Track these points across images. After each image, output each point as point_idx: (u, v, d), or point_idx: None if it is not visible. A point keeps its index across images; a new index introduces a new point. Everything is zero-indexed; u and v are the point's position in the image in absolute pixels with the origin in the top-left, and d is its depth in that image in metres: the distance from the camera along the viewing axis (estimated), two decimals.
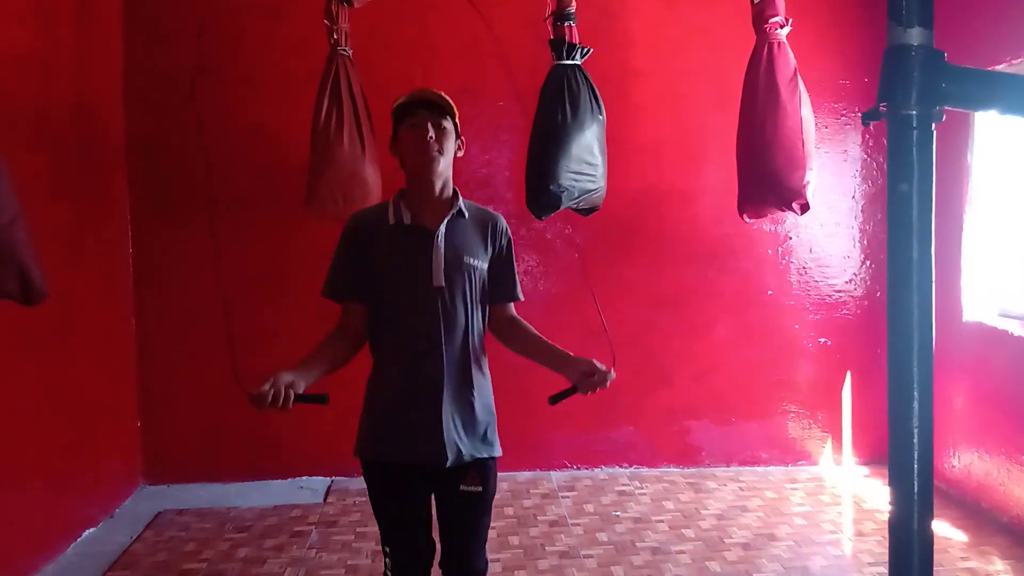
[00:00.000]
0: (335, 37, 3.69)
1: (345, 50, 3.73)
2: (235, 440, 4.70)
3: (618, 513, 4.23)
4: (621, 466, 4.88)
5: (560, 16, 3.75)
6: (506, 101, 4.58)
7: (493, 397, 2.51)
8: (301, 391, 2.29)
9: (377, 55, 4.38)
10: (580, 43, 3.74)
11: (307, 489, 4.60)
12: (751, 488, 4.58)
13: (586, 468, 4.86)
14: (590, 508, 4.30)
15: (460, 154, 2.47)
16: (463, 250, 2.39)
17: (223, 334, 4.65)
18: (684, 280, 4.82)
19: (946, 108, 1.06)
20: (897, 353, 1.06)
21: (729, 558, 3.70)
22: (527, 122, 3.83)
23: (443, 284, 2.34)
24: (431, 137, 2.33)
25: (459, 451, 2.37)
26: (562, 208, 3.75)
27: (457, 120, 2.43)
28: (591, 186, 3.74)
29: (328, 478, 4.73)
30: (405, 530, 2.44)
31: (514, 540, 3.89)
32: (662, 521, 4.13)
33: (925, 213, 1.01)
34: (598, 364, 2.31)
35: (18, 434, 3.43)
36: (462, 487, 2.39)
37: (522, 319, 2.56)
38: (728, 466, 4.90)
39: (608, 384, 2.29)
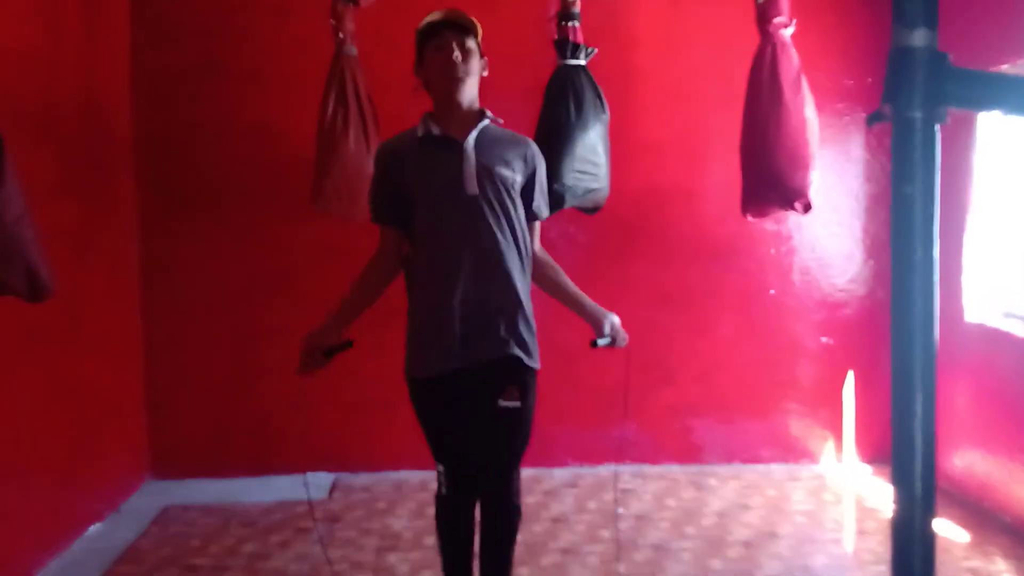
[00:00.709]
0: (341, 36, 3.71)
1: (351, 49, 3.75)
2: (240, 436, 4.72)
3: (620, 510, 4.25)
4: (623, 463, 4.89)
5: (564, 16, 3.76)
6: (510, 100, 4.57)
7: (532, 312, 2.55)
8: (326, 347, 2.38)
9: (383, 55, 4.39)
10: (584, 43, 3.75)
11: (311, 485, 4.61)
12: (753, 486, 4.60)
13: (588, 465, 4.88)
14: (592, 505, 4.32)
15: (485, 74, 2.54)
16: (495, 160, 2.43)
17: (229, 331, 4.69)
18: (687, 279, 4.83)
19: (950, 109, 1.07)
20: (900, 355, 1.07)
21: (730, 556, 3.71)
22: (531, 121, 3.84)
23: (476, 192, 2.37)
24: (457, 56, 2.38)
25: (506, 345, 2.40)
26: (565, 207, 3.77)
27: (480, 39, 2.48)
28: (595, 185, 3.76)
29: (332, 474, 4.75)
30: (454, 439, 2.48)
31: (516, 536, 3.90)
32: (664, 519, 4.14)
33: (929, 215, 1.03)
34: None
35: (24, 430, 3.45)
36: (500, 402, 2.41)
37: (551, 259, 2.64)
38: (730, 464, 4.91)
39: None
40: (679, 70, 4.80)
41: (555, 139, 3.66)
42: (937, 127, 1.04)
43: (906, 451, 1.09)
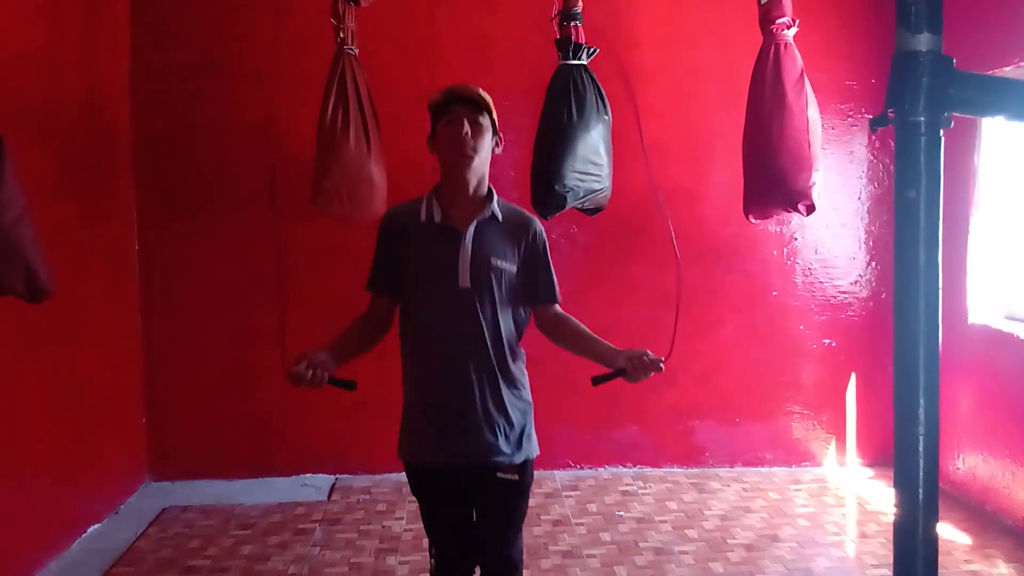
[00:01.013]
0: (342, 36, 3.69)
1: (352, 49, 3.74)
2: (240, 437, 4.71)
3: (621, 513, 4.23)
4: (625, 466, 4.88)
5: (566, 16, 3.74)
6: (512, 100, 4.57)
7: (530, 397, 2.50)
8: (332, 373, 2.31)
9: (384, 54, 4.38)
10: (586, 43, 3.73)
11: (311, 486, 4.61)
12: (755, 489, 4.58)
13: (589, 468, 4.86)
14: (593, 508, 4.30)
15: (498, 151, 2.48)
16: (491, 252, 2.38)
17: (227, 331, 4.68)
18: (689, 280, 4.78)
19: (954, 114, 1.06)
20: (903, 358, 1.06)
21: (732, 559, 3.70)
22: (533, 122, 3.83)
23: (468, 285, 2.34)
24: (466, 134, 2.33)
25: (493, 452, 2.37)
26: (567, 208, 3.75)
27: (495, 117, 2.43)
28: (597, 186, 3.74)
29: (332, 476, 4.74)
30: (448, 530, 2.46)
31: None
32: (665, 521, 4.13)
33: (932, 220, 1.01)
34: (649, 355, 2.31)
35: (24, 430, 3.44)
36: (498, 474, 2.40)
37: (569, 316, 2.53)
38: (732, 467, 4.90)
39: (659, 370, 2.31)
40: (681, 70, 4.79)
41: (557, 139, 3.64)
42: (941, 132, 1.03)
43: (909, 455, 1.08)
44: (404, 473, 2.53)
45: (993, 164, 4.30)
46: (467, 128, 2.34)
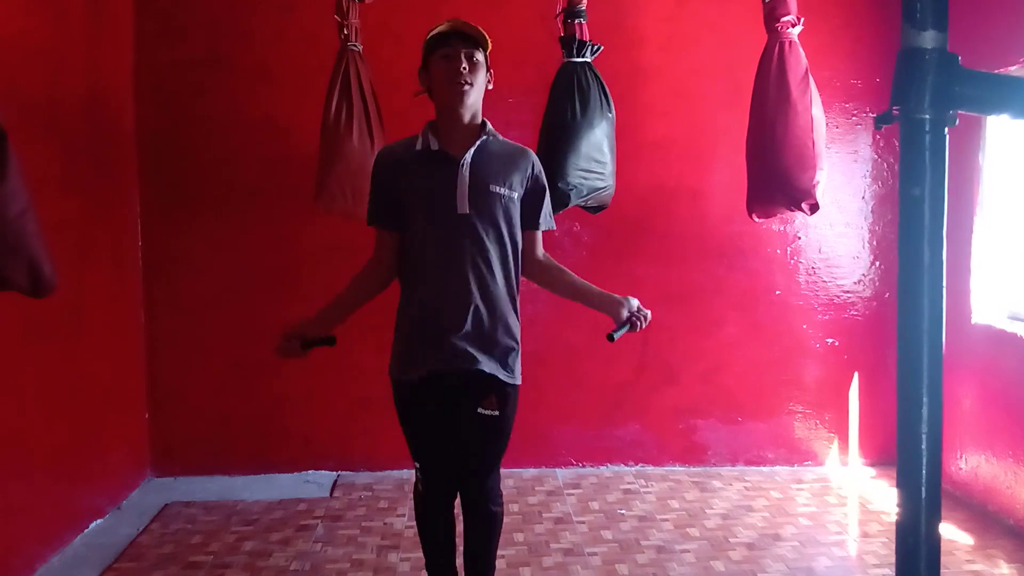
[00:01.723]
0: (345, 32, 3.70)
1: (355, 45, 3.74)
2: (242, 433, 4.71)
3: (623, 511, 4.23)
4: (627, 464, 4.88)
5: (571, 13, 3.74)
6: (516, 97, 4.58)
7: (520, 332, 2.55)
8: (308, 337, 2.44)
9: (387, 50, 4.38)
10: (590, 40, 3.73)
11: (313, 483, 4.61)
12: (757, 488, 4.58)
13: (591, 466, 4.86)
14: (595, 506, 4.30)
15: (490, 87, 2.53)
16: (490, 178, 2.43)
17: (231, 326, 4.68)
18: (692, 278, 4.81)
19: (959, 112, 1.05)
20: (907, 357, 1.06)
21: (734, 558, 3.70)
22: (536, 119, 3.83)
23: (467, 211, 2.38)
24: (464, 68, 2.38)
25: (477, 361, 2.41)
26: (571, 206, 3.75)
27: (488, 53, 2.48)
28: (600, 184, 3.74)
29: (334, 472, 4.74)
30: (431, 441, 2.51)
31: (519, 537, 3.89)
32: (667, 520, 4.12)
33: (937, 218, 1.01)
34: (636, 302, 2.51)
35: (26, 426, 3.45)
36: (479, 409, 2.44)
37: (555, 262, 2.64)
38: (734, 465, 4.89)
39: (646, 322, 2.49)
40: (686, 68, 4.78)
41: (560, 137, 3.64)
42: (946, 129, 1.03)
43: (912, 455, 1.08)
44: (405, 470, 2.56)
45: (997, 163, 4.29)
46: (465, 63, 2.39)
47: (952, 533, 3.95)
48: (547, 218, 2.63)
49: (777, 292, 4.87)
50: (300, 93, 4.48)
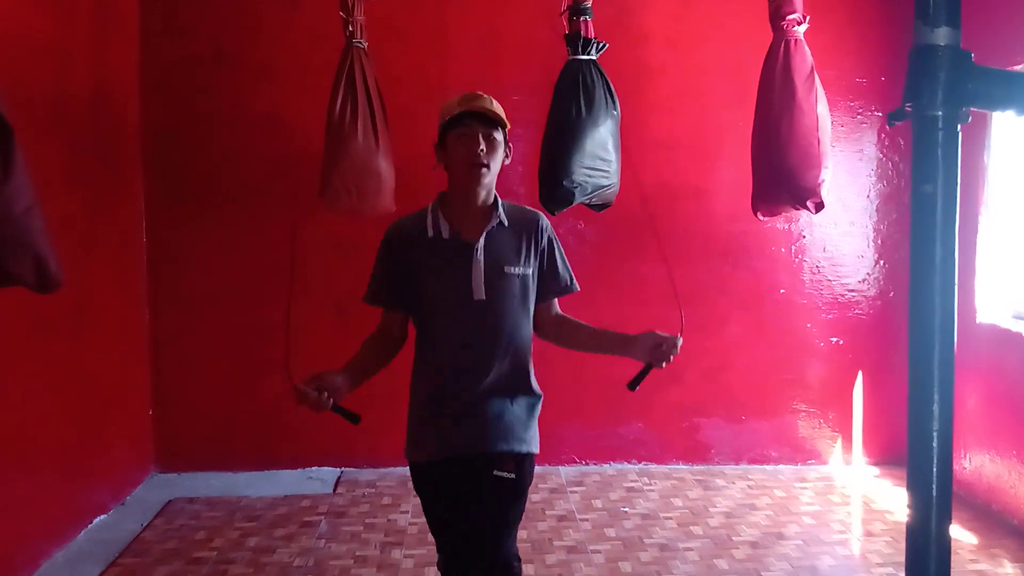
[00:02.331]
0: (350, 29, 3.70)
1: (360, 42, 3.73)
2: (246, 430, 4.72)
3: (626, 509, 4.23)
4: (630, 462, 4.88)
5: (576, 11, 3.74)
6: (521, 95, 4.57)
7: (539, 400, 2.48)
8: (339, 399, 2.32)
9: (392, 48, 4.38)
10: (596, 38, 3.72)
11: (316, 479, 4.62)
12: (760, 486, 4.57)
13: (595, 464, 4.86)
14: (598, 504, 4.30)
15: (507, 162, 2.43)
16: (504, 259, 2.35)
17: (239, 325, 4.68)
18: (697, 277, 4.81)
19: (971, 109, 1.05)
20: (918, 356, 1.06)
21: (737, 556, 3.69)
22: (541, 117, 3.83)
23: (483, 297, 2.31)
24: (482, 150, 2.28)
25: (493, 443, 2.35)
26: (575, 203, 3.75)
27: (507, 130, 2.38)
28: (605, 182, 3.74)
29: (338, 469, 4.74)
30: (452, 527, 2.43)
31: (522, 534, 3.87)
32: (670, 518, 4.12)
33: (949, 215, 1.01)
34: (662, 334, 2.33)
35: (31, 421, 3.45)
36: (495, 472, 2.37)
37: (569, 316, 2.53)
38: (737, 464, 4.89)
39: (679, 349, 2.32)
40: (691, 66, 4.77)
41: (565, 135, 3.64)
42: (959, 126, 1.02)
43: (922, 455, 1.08)
44: (409, 468, 2.52)
45: (1002, 163, 4.28)
46: (482, 145, 2.28)
47: (956, 532, 3.94)
48: (566, 281, 2.49)
49: (781, 291, 4.87)
50: (305, 90, 4.47)
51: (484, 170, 2.31)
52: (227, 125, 4.60)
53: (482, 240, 2.34)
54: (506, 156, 2.41)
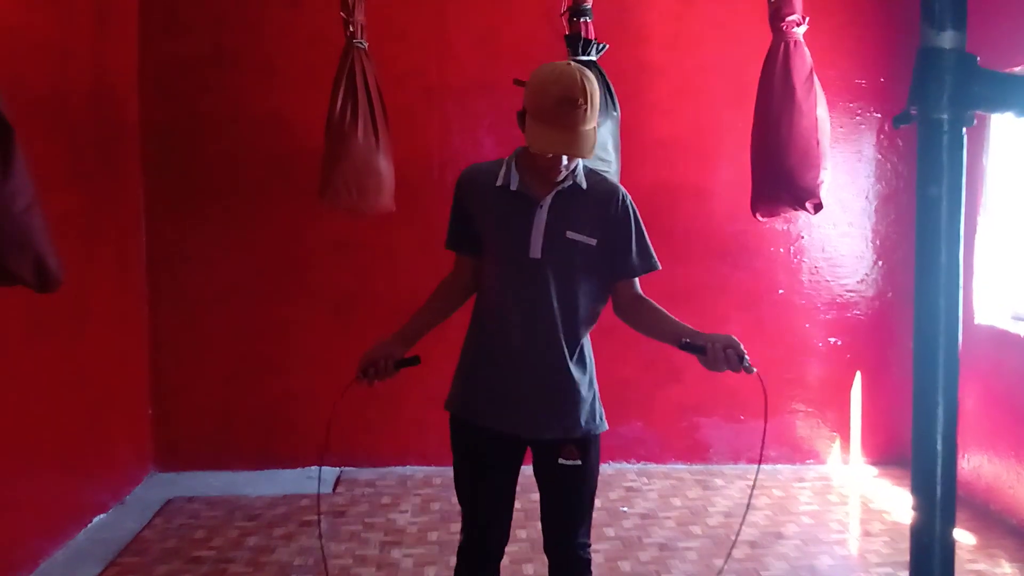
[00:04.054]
0: (351, 29, 3.70)
1: (361, 43, 3.73)
2: (246, 429, 4.72)
3: (625, 509, 4.24)
4: (629, 462, 4.88)
5: (576, 12, 3.74)
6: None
7: (595, 374, 2.44)
8: (398, 356, 2.30)
9: (392, 48, 4.38)
10: (596, 39, 3.73)
11: (316, 479, 4.61)
12: (759, 486, 4.58)
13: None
14: (597, 503, 4.28)
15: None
16: (569, 223, 2.27)
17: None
18: (696, 277, 4.81)
19: (976, 112, 1.06)
20: (922, 358, 1.06)
21: (736, 555, 3.70)
22: None
23: (539, 256, 2.26)
24: (564, 166, 2.23)
25: (546, 427, 2.30)
26: None
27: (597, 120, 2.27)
28: None
29: (337, 468, 4.74)
30: (480, 492, 2.39)
31: (522, 534, 3.89)
32: (669, 517, 4.13)
33: (954, 217, 1.01)
34: (738, 346, 2.23)
35: (31, 420, 3.45)
36: (560, 460, 2.32)
37: (650, 299, 2.44)
38: (736, 464, 4.90)
39: (739, 369, 2.24)
40: (691, 66, 4.78)
41: None
42: (964, 129, 1.03)
43: (927, 456, 1.09)
44: (408, 467, 2.47)
45: (1001, 165, 4.29)
46: (564, 162, 2.21)
47: (954, 533, 3.94)
48: (645, 259, 2.43)
49: (780, 291, 4.88)
50: (305, 89, 4.47)
51: (564, 172, 2.25)
52: (227, 124, 4.60)
53: (549, 198, 2.27)
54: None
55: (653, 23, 4.74)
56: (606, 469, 4.81)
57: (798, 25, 3.51)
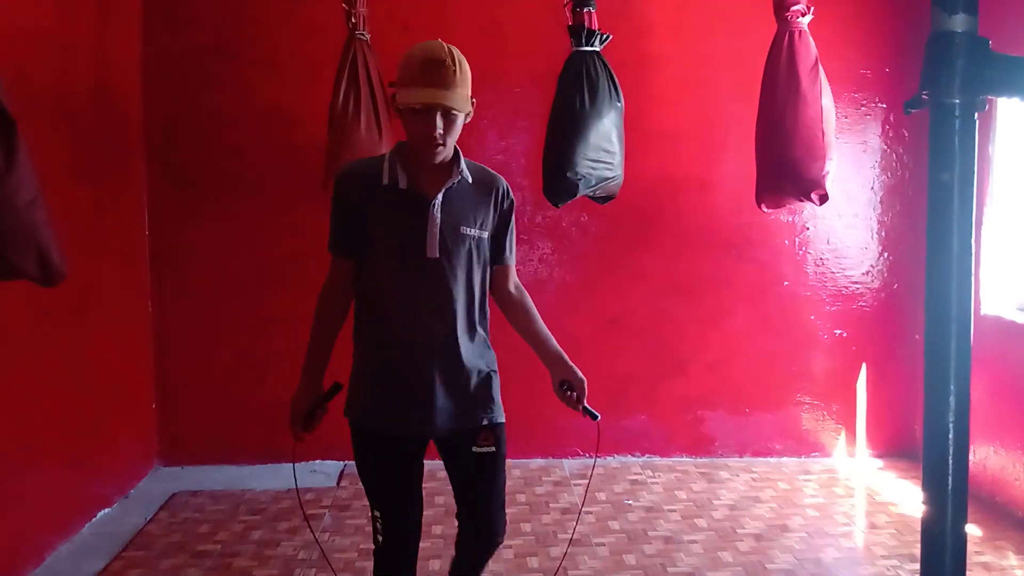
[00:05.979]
0: (353, 21, 3.69)
1: (363, 34, 3.73)
2: (250, 423, 4.71)
3: (630, 502, 4.23)
4: (634, 455, 4.87)
5: (579, 2, 3.73)
6: (524, 87, 4.56)
7: (496, 363, 2.44)
8: (317, 401, 2.34)
9: (395, 39, 4.34)
10: (599, 30, 3.71)
11: (320, 473, 4.61)
12: (764, 479, 4.57)
13: (599, 456, 4.86)
14: (602, 496, 4.30)
15: (468, 120, 2.30)
16: (461, 218, 2.27)
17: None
18: (701, 269, 4.80)
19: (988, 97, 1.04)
20: (934, 347, 1.04)
21: (741, 548, 3.69)
22: (545, 109, 3.82)
23: (437, 255, 2.24)
24: (439, 132, 2.17)
25: (454, 418, 2.33)
26: (579, 196, 3.74)
27: (470, 88, 2.26)
28: (608, 174, 3.73)
29: (341, 462, 4.74)
30: (395, 494, 2.40)
31: (526, 527, 3.89)
32: (674, 510, 4.12)
33: (966, 203, 1.00)
34: (575, 377, 2.41)
35: (35, 414, 3.45)
36: (474, 448, 2.36)
37: (527, 296, 2.49)
38: (741, 456, 4.89)
39: (578, 408, 2.42)
40: (695, 57, 4.75)
41: (569, 127, 3.63)
42: (976, 115, 1.01)
43: (938, 449, 1.07)
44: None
45: (1007, 153, 4.26)
46: (440, 127, 2.17)
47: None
48: (512, 251, 2.44)
49: (785, 283, 4.86)
50: (308, 82, 4.46)
51: (440, 147, 2.21)
52: (230, 117, 4.59)
53: (440, 196, 2.25)
54: (468, 117, 2.28)
55: (656, 13, 4.71)
56: (612, 462, 4.80)
57: (803, 15, 3.49)
